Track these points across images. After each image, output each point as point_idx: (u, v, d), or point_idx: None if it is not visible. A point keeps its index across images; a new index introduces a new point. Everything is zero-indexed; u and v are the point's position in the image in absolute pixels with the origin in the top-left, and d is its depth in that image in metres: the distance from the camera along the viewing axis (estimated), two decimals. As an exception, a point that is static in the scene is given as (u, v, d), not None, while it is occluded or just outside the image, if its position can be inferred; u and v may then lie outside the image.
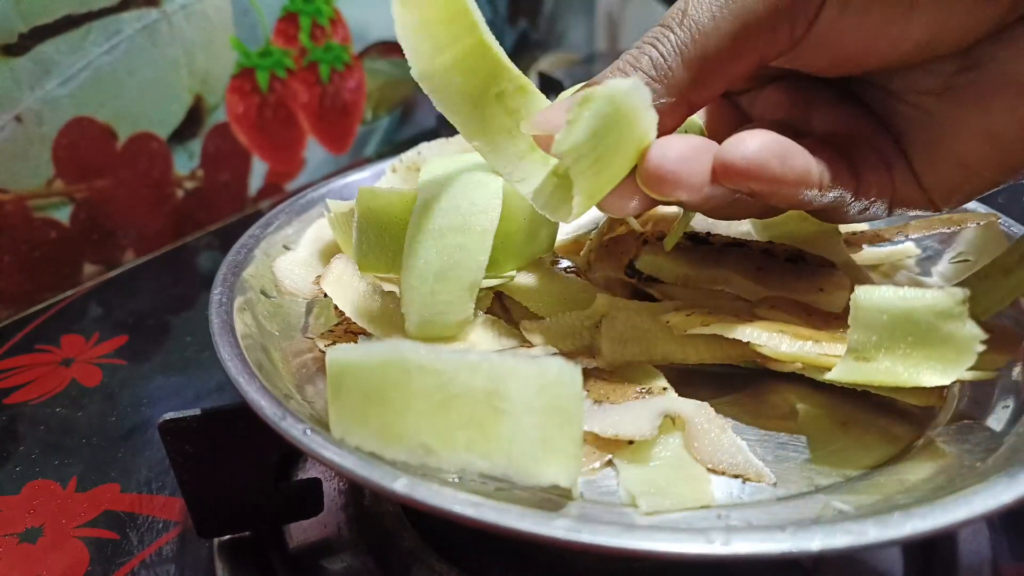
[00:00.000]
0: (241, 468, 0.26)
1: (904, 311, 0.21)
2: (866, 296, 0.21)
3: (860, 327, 0.21)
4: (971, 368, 0.21)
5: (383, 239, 0.28)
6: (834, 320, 0.26)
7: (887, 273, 0.33)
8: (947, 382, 0.21)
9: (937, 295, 0.20)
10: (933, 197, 0.24)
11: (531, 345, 0.26)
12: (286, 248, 0.35)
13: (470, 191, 0.26)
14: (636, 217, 0.32)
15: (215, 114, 0.58)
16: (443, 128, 0.28)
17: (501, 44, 0.23)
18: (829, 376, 0.22)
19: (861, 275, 0.29)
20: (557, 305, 0.28)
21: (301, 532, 0.29)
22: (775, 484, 0.22)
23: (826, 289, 0.27)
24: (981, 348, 0.20)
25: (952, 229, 0.31)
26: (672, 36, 0.22)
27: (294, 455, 0.32)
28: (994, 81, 0.22)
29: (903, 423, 0.24)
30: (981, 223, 0.30)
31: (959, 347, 0.20)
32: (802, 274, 0.28)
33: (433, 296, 0.25)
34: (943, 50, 0.22)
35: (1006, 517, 0.19)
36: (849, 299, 0.25)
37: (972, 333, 0.20)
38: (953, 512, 0.17)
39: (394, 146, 0.76)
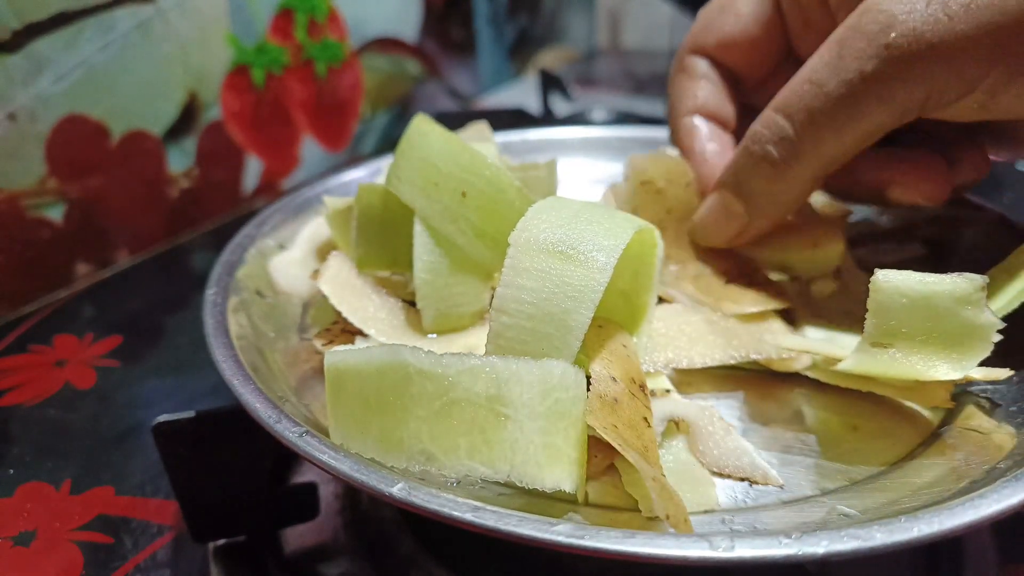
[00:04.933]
0: (236, 471, 0.26)
1: (924, 295, 0.20)
2: (886, 279, 0.21)
3: (879, 310, 0.21)
4: (982, 368, 0.20)
5: (383, 236, 0.28)
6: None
7: None
8: (960, 376, 0.21)
9: (957, 280, 0.20)
10: None
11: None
12: (281, 247, 0.34)
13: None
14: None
15: (210, 112, 0.58)
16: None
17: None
18: (841, 366, 0.22)
19: (863, 279, 0.29)
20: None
21: (297, 537, 0.29)
22: (782, 487, 0.22)
23: (820, 244, 0.27)
24: (998, 337, 0.20)
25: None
26: None
27: (290, 458, 0.32)
28: None
29: (910, 425, 0.24)
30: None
31: (976, 335, 0.20)
32: (794, 227, 0.28)
33: (448, 289, 0.25)
34: None
35: (1013, 520, 0.18)
36: (841, 251, 0.25)
37: (990, 321, 0.20)
38: (960, 516, 0.17)
39: (392, 143, 0.75)
